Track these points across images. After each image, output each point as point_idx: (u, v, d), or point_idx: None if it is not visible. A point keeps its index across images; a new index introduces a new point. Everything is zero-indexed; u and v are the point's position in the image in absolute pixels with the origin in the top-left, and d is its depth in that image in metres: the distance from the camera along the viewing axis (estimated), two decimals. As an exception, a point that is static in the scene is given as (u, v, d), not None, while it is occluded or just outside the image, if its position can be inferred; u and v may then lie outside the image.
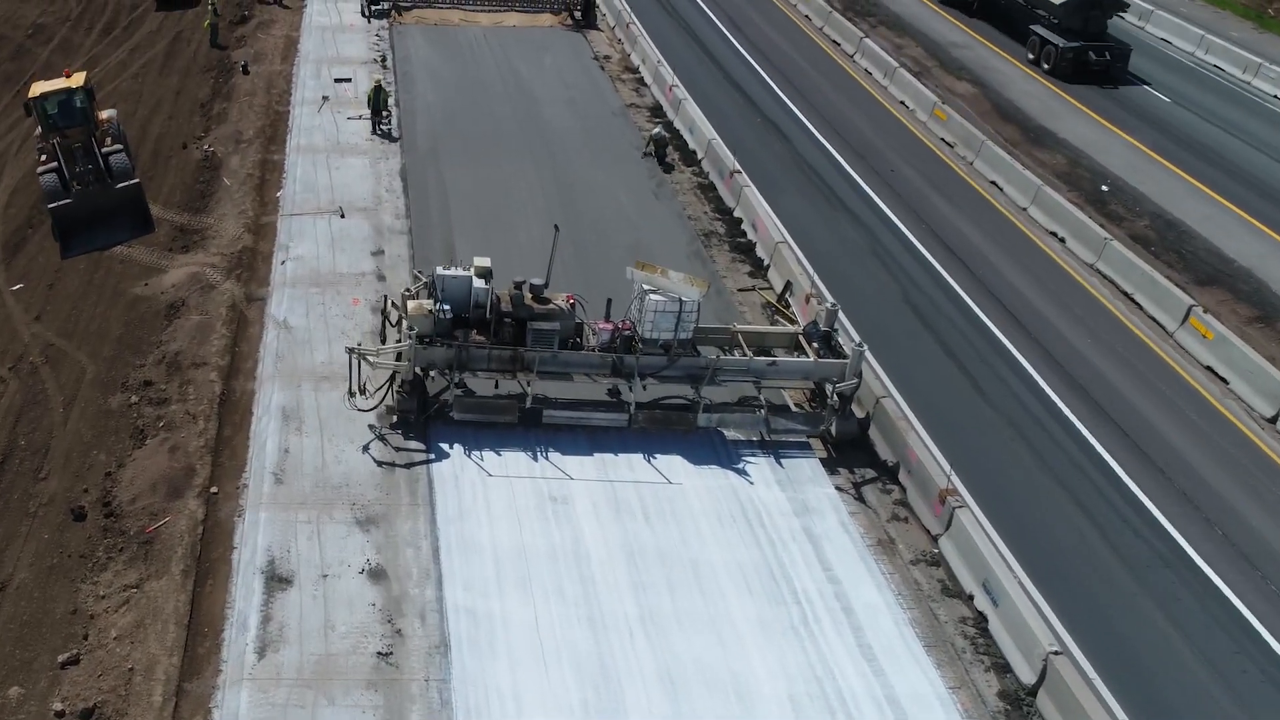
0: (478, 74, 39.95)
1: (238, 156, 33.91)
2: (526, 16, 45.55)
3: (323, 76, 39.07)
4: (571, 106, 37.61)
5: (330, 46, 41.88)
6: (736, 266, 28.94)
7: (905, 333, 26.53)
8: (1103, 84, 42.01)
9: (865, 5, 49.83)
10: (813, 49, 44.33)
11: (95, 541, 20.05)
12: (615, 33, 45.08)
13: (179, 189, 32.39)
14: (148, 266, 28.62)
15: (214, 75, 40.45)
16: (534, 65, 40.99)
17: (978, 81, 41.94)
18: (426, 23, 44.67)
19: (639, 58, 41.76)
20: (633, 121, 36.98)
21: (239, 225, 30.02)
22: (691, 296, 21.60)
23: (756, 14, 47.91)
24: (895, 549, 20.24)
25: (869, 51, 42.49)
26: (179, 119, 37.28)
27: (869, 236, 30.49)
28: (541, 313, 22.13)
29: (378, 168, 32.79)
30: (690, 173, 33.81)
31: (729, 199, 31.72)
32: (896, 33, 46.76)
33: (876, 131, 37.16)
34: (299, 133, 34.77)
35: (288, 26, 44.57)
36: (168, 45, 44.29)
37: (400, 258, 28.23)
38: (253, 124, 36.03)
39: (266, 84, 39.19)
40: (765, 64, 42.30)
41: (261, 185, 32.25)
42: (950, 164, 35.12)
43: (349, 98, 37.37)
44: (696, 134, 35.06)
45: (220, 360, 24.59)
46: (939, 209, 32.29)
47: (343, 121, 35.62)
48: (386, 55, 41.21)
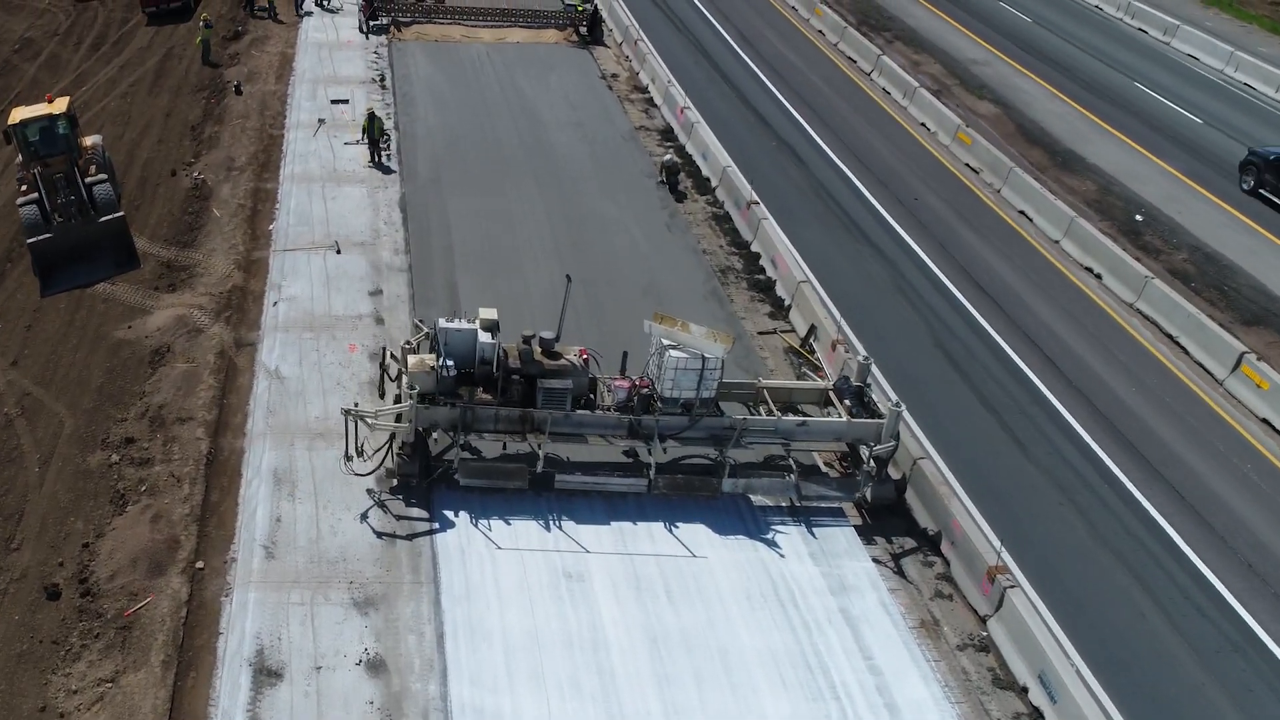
0: (480, 94, 38.32)
1: (229, 185, 32.26)
2: (530, 32, 43.91)
3: (319, 97, 37.45)
4: (579, 130, 35.97)
5: (327, 65, 40.25)
6: (756, 307, 27.30)
7: (937, 379, 24.90)
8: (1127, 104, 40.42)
9: (880, 20, 48.23)
10: (828, 67, 42.70)
11: (70, 625, 18.39)
12: (622, 49, 43.46)
13: (166, 220, 30.74)
14: (132, 307, 26.97)
15: (206, 95, 38.81)
16: (539, 84, 39.37)
17: (1000, 101, 40.33)
18: (427, 39, 43.03)
19: (648, 76, 40.14)
20: (643, 146, 35.35)
21: (229, 261, 28.37)
22: (715, 353, 19.97)
23: (769, 29, 46.29)
24: (940, 632, 18.61)
25: (887, 70, 40.87)
26: (168, 143, 35.63)
27: (894, 272, 28.86)
28: (553, 369, 20.50)
29: (376, 198, 31.16)
30: (704, 202, 32.17)
31: (746, 231, 30.09)
32: (914, 49, 45.15)
33: (898, 156, 35.53)
34: (293, 159, 33.14)
35: (283, 43, 42.94)
36: (158, 62, 42.67)
37: (400, 298, 26.59)
38: (245, 149, 34.38)
39: (260, 105, 37.55)
40: (779, 83, 40.68)
41: (253, 217, 30.60)
42: (976, 191, 33.49)
43: (346, 120, 35.74)
44: (710, 160, 33.42)
45: (207, 414, 22.94)
46: (966, 241, 30.68)
47: (339, 146, 33.98)
48: (385, 74, 39.59)
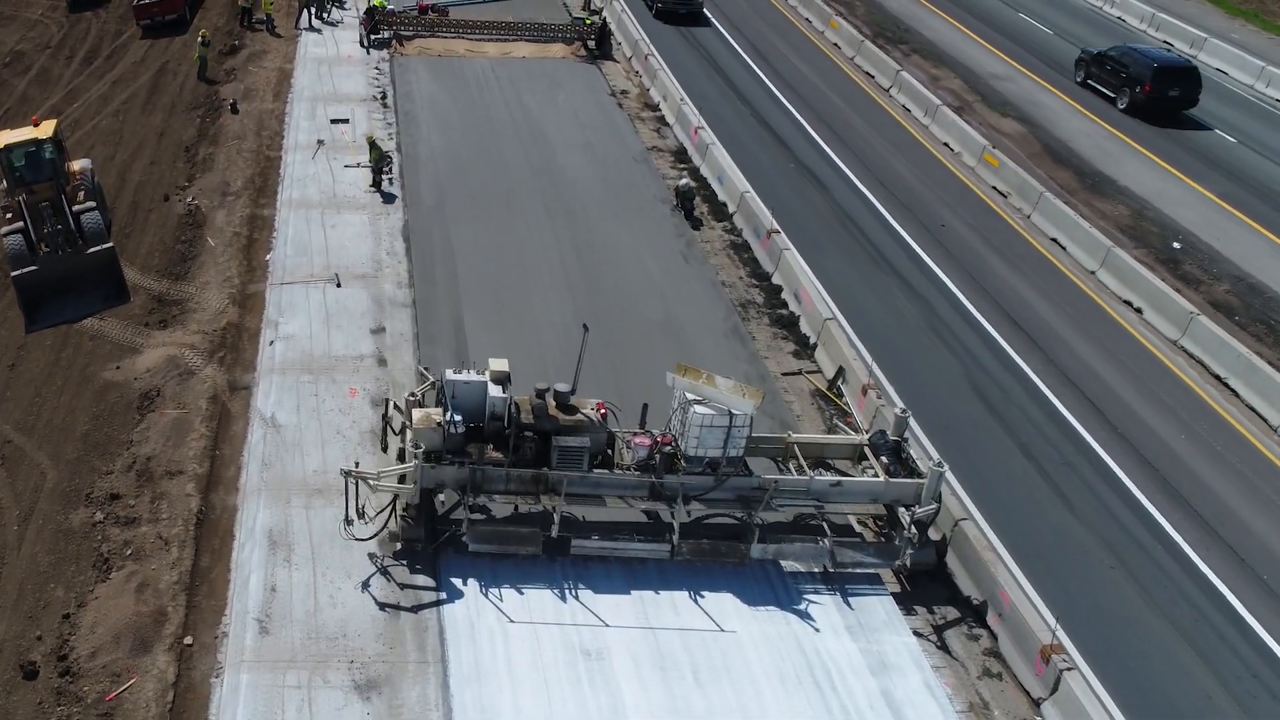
0: (486, 112, 36.89)
1: (224, 211, 30.84)
2: (537, 47, 42.48)
3: (318, 116, 36.03)
4: (588, 151, 34.54)
5: (326, 81, 38.83)
6: (779, 345, 25.86)
7: (973, 425, 23.47)
8: (1162, 122, 38.96)
9: (897, 32, 46.80)
10: (845, 83, 41.26)
11: (47, 710, 16.97)
12: (632, 64, 42.04)
13: (158, 250, 29.32)
14: (121, 345, 25.55)
15: (201, 114, 37.40)
16: (546, 102, 37.94)
17: (1025, 119, 38.88)
18: (430, 54, 41.61)
19: (659, 93, 38.70)
20: (655, 168, 33.91)
21: (223, 295, 26.94)
22: (743, 410, 18.55)
23: (783, 43, 44.85)
24: (991, 717, 17.18)
25: (907, 86, 39.42)
26: (161, 165, 34.23)
27: (924, 307, 27.42)
28: (568, 425, 19.08)
29: (378, 225, 29.73)
30: (721, 229, 30.74)
31: (767, 262, 28.65)
32: (933, 63, 43.72)
33: (921, 178, 34.09)
34: (291, 183, 31.71)
35: (281, 58, 41.53)
36: (152, 78, 41.27)
37: (403, 336, 25.16)
38: (241, 172, 32.96)
39: (257, 125, 36.12)
40: (796, 100, 39.25)
41: (249, 246, 29.18)
42: (1005, 217, 32.04)
43: (346, 141, 34.32)
44: (727, 184, 31.99)
45: (198, 467, 21.51)
46: (998, 272, 29.23)
47: (339, 170, 32.56)
48: (387, 91, 38.16)
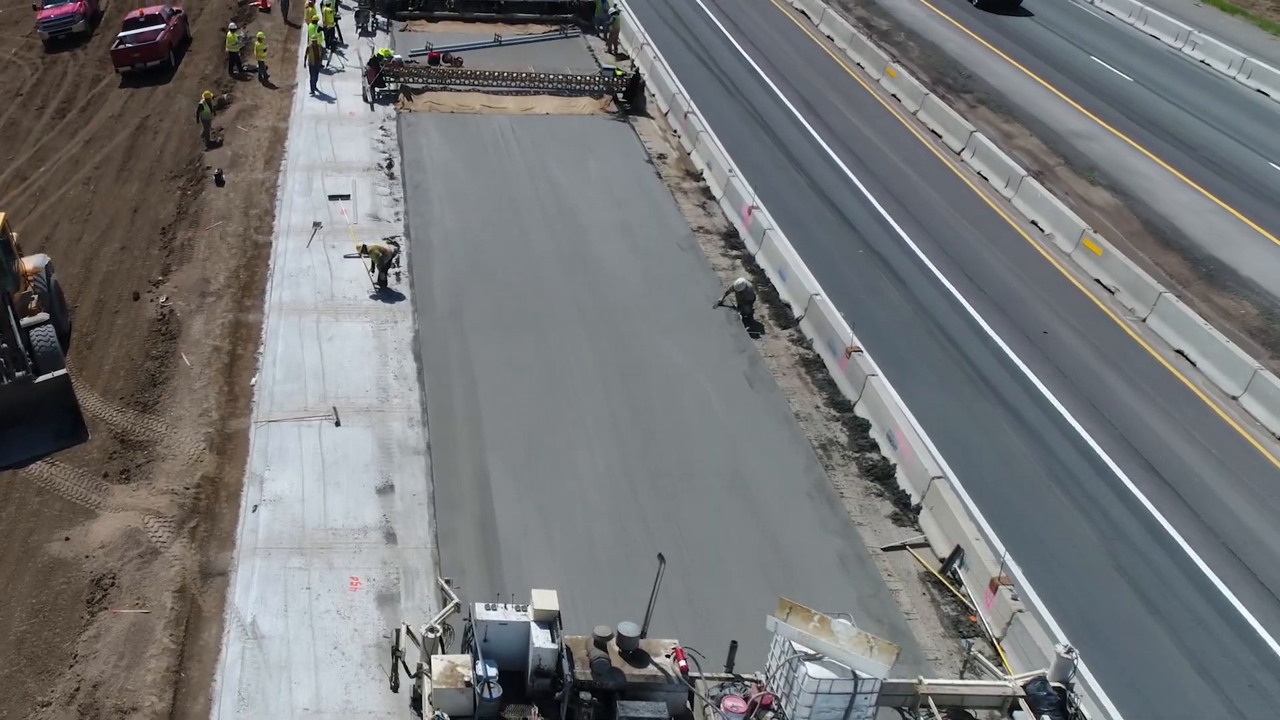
0: (507, 184, 32.30)
1: (202, 317, 26.28)
2: (562, 101, 37.87)
3: (315, 190, 31.46)
4: (627, 235, 29.94)
5: (325, 144, 34.24)
6: (873, 505, 21.23)
7: (1128, 627, 18.83)
8: (1273, 195, 34.32)
9: (959, 79, 42.16)
10: (910, 144, 36.61)
11: None
12: (668, 120, 37.43)
13: (124, 366, 24.77)
14: (73, 504, 20.98)
15: (182, 184, 32.88)
16: (576, 170, 33.35)
17: (1117, 188, 34.22)
18: (442, 110, 37.01)
19: (702, 159, 34.08)
20: (704, 256, 29.29)
21: (198, 436, 22.36)
22: (875, 673, 13.97)
23: (835, 93, 40.21)
24: None
25: (982, 150, 34.77)
26: (134, 251, 29.69)
27: (1040, 449, 22.78)
28: (638, 680, 14.51)
29: (383, 337, 25.15)
30: (786, 338, 26.12)
31: (847, 388, 24.01)
32: (1003, 116, 39.08)
33: (1011, 268, 29.44)
34: (282, 280, 27.14)
35: (274, 114, 36.97)
36: (130, 136, 36.80)
37: (416, 499, 20.55)
38: (224, 263, 28.39)
39: (244, 200, 31.55)
40: (856, 166, 34.62)
41: (231, 366, 24.59)
42: (1117, 320, 27.38)
43: (346, 223, 29.74)
44: (790, 281, 27.36)
45: (157, 702, 16.93)
46: (1121, 398, 24.58)
47: (338, 261, 27.99)
48: (393, 157, 33.56)
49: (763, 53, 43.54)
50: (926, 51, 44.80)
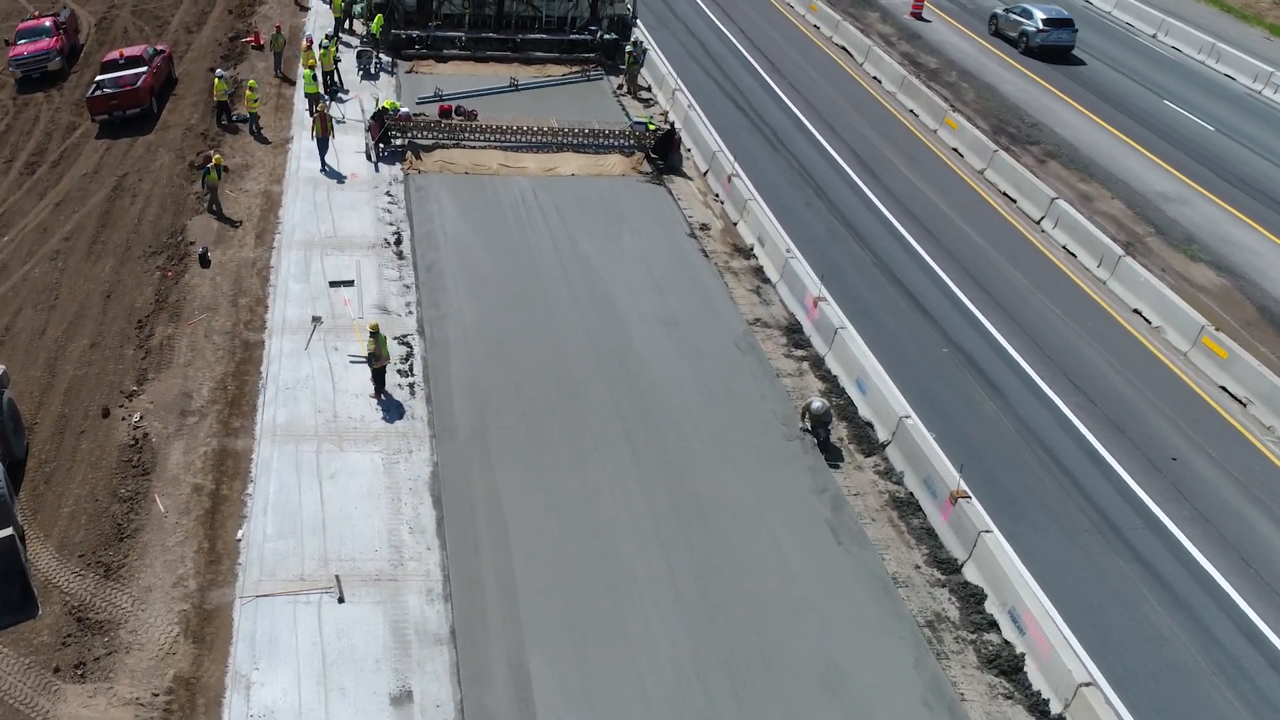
0: (531, 263, 28.34)
1: (182, 442, 22.26)
2: (589, 160, 33.88)
3: (313, 274, 27.50)
4: (673, 330, 25.97)
5: (324, 215, 30.25)
6: (1002, 711, 17.21)
7: None
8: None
9: (1023, 128, 38.22)
10: (982, 211, 32.64)
11: None
12: (708, 182, 33.46)
13: (87, 510, 20.76)
14: (15, 711, 16.96)
15: (162, 263, 28.88)
16: (609, 245, 29.40)
17: (1221, 265, 30.26)
18: (454, 170, 33.02)
19: (752, 232, 30.12)
20: (765, 358, 25.30)
21: (171, 616, 18.36)
22: None
23: (890, 147, 36.24)
24: None
25: (1067, 221, 30.80)
26: (105, 349, 25.69)
27: (1204, 639, 18.74)
28: None
29: (396, 473, 21.16)
30: (872, 470, 22.13)
31: (953, 543, 20.01)
32: (1077, 173, 35.14)
33: (1124, 374, 25.44)
34: (276, 395, 23.16)
35: (267, 175, 32.94)
36: (106, 199, 32.83)
37: (441, 711, 16.55)
38: (209, 370, 24.37)
39: (233, 284, 27.54)
40: (923, 236, 30.69)
41: (214, 513, 20.56)
42: (1256, 443, 23.35)
43: (351, 318, 25.77)
44: (872, 394, 23.37)
45: None
46: (1277, 549, 20.64)
47: (341, 368, 24.02)
48: (402, 231, 29.58)
49: (805, 97, 39.58)
50: (983, 94, 40.86)
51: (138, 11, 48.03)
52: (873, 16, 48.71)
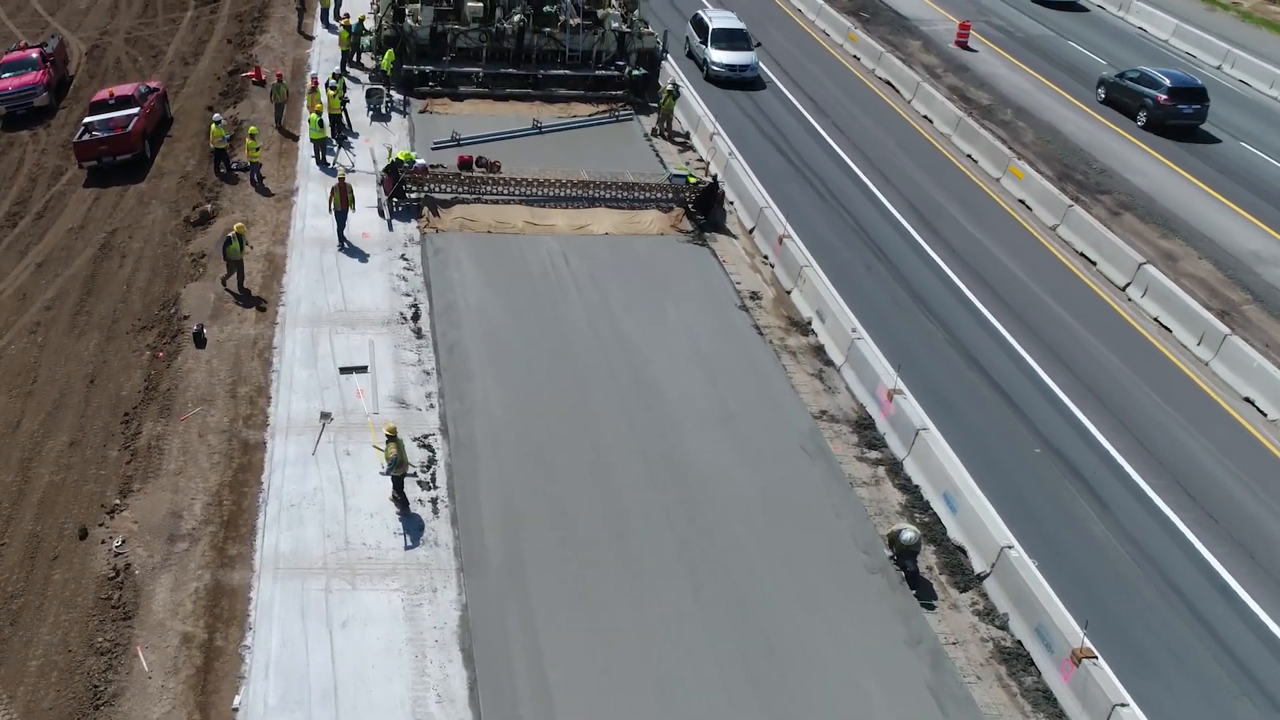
0: (564, 341, 25.32)
1: (169, 575, 19.23)
2: (623, 216, 30.83)
3: (321, 356, 24.49)
4: (729, 426, 22.91)
5: (333, 283, 27.25)
6: None
7: None
8: None
9: (1091, 174, 35.19)
10: (1060, 275, 29.56)
11: None
12: (755, 241, 30.40)
13: (58, 666, 17.77)
14: None
15: (152, 341, 25.90)
16: (650, 319, 26.36)
17: (1332, 340, 27.20)
18: (475, 228, 30.00)
19: (809, 303, 27.05)
20: (836, 462, 22.21)
21: (155, 817, 15.31)
22: None
23: (950, 200, 33.16)
24: None
25: (1158, 289, 27.74)
26: (85, 449, 22.70)
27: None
28: None
29: (419, 620, 18.13)
30: (970, 610, 19.05)
31: (1077, 713, 16.91)
32: (1156, 228, 32.07)
33: (1243, 479, 22.32)
34: (279, 514, 20.12)
35: (269, 234, 29.91)
36: (92, 260, 30.00)
37: None
38: (203, 479, 21.33)
39: (231, 369, 24.49)
40: (999, 308, 27.65)
41: (206, 671, 17.53)
42: (1404, 567, 20.32)
43: (364, 414, 22.73)
44: (963, 513, 20.29)
45: None
46: None
47: (353, 481, 21.00)
48: (420, 304, 26.56)
49: (851, 139, 36.53)
50: (1043, 135, 37.80)
51: (131, 40, 45.13)
52: (914, 45, 45.68)
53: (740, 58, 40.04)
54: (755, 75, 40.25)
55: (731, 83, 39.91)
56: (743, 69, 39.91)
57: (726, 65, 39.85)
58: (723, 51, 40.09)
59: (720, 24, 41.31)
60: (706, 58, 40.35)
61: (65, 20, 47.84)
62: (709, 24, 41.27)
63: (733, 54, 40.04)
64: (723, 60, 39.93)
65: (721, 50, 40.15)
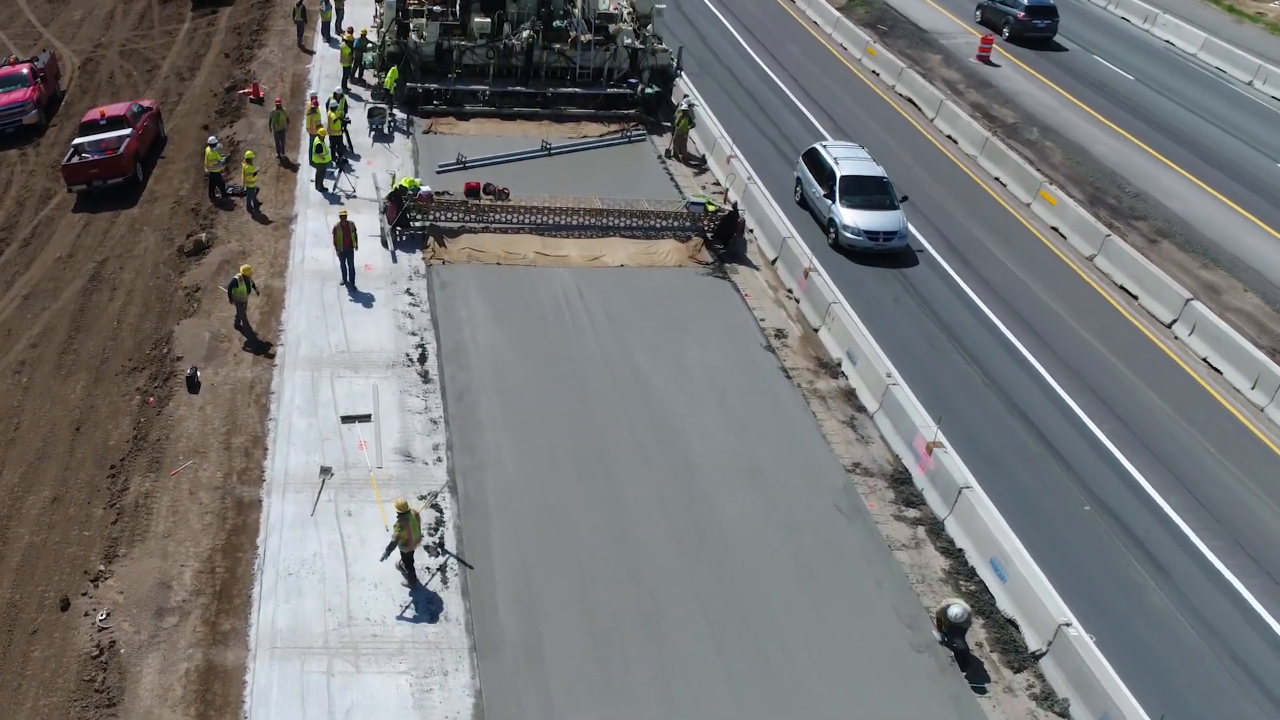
0: (580, 386, 23.86)
1: (157, 655, 17.75)
2: (639, 247, 29.33)
3: (321, 403, 23.03)
4: (758, 484, 21.43)
5: (334, 320, 25.77)
6: None
7: None
8: None
9: (1124, 199, 33.72)
10: (1100, 308, 28.10)
11: None
12: (777, 273, 28.91)
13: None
14: None
15: (143, 384, 24.42)
16: (670, 361, 24.88)
17: (1390, 382, 25.66)
18: (484, 259, 28.52)
19: (838, 343, 25.56)
20: (874, 528, 20.70)
21: None
22: None
23: (981, 228, 31.67)
24: None
25: (1206, 328, 26.25)
26: (68, 509, 21.24)
27: None
28: None
29: (428, 710, 16.66)
30: (1026, 693, 17.57)
31: (1152, 816, 15.46)
32: (1197, 258, 30.60)
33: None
34: (276, 585, 18.66)
35: (267, 264, 28.42)
36: (82, 290, 28.66)
37: None
38: (194, 544, 19.85)
39: (226, 418, 23.00)
40: (1035, 345, 26.18)
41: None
42: None
43: (366, 465, 21.24)
44: (1014, 583, 18.80)
45: None
46: None
47: (355, 547, 19.52)
48: (426, 343, 25.06)
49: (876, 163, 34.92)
50: (1071, 156, 36.31)
51: (126, 53, 43.65)
52: (934, 59, 44.18)
53: (883, 220, 29.29)
54: (904, 244, 29.62)
55: (755, 101, 38.29)
56: (887, 237, 29.24)
57: (865, 232, 29.14)
58: (858, 211, 29.38)
59: (851, 169, 30.19)
60: (834, 219, 29.56)
61: (59, 31, 46.40)
62: (834, 169, 30.20)
63: (872, 215, 29.33)
64: (859, 225, 29.19)
65: (856, 209, 29.43)
